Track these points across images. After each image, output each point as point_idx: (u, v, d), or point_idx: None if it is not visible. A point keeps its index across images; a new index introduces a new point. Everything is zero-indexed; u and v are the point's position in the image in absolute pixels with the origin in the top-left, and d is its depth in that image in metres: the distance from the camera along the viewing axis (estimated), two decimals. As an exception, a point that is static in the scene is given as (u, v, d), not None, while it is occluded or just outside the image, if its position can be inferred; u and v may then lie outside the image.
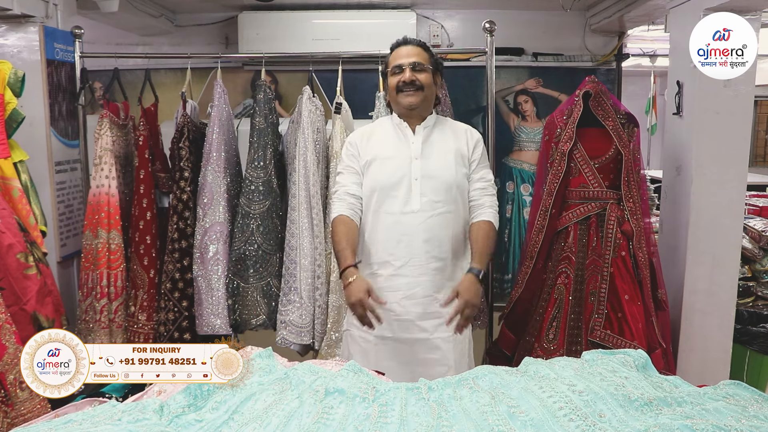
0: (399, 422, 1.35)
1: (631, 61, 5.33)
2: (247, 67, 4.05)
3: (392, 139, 2.17)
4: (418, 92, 2.12)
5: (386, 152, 2.14)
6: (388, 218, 2.08)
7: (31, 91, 2.57)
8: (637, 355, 1.58)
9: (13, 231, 2.20)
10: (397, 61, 2.14)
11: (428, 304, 2.09)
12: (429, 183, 2.09)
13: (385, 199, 2.10)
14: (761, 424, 1.27)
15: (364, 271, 2.13)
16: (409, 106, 2.12)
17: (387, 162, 2.13)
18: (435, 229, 2.09)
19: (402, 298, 2.09)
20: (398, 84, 2.12)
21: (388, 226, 2.10)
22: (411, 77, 2.11)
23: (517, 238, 4.03)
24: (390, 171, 2.11)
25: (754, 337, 2.95)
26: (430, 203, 2.08)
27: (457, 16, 4.14)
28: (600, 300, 2.54)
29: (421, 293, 2.09)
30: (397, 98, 2.14)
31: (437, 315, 2.08)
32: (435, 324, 2.09)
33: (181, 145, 2.74)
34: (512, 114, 4.15)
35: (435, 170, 2.11)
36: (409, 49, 2.16)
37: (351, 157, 2.20)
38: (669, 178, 2.90)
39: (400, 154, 2.13)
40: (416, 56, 2.14)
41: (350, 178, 2.17)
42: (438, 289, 2.10)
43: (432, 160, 2.12)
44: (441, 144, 2.15)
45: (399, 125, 2.18)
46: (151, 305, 2.80)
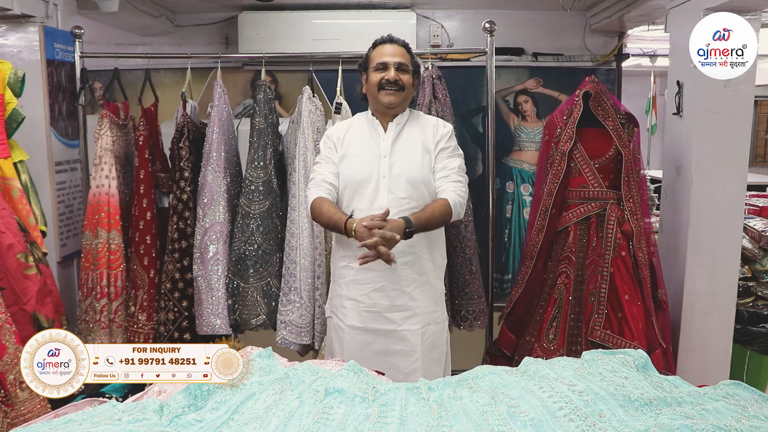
0: (399, 422, 1.35)
1: (631, 61, 5.33)
2: (247, 67, 4.04)
3: (365, 136, 2.22)
4: (399, 92, 2.16)
5: (357, 149, 2.20)
6: (358, 213, 2.10)
7: (31, 91, 2.57)
8: (637, 355, 1.58)
9: (13, 231, 2.20)
10: (383, 58, 2.18)
11: (396, 297, 2.14)
12: (396, 181, 2.14)
13: (355, 196, 2.16)
14: (761, 424, 1.27)
15: (340, 262, 2.21)
16: (389, 104, 2.17)
17: (357, 159, 2.18)
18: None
19: (371, 290, 2.15)
20: (381, 81, 2.15)
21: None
22: (395, 77, 2.15)
23: (517, 238, 4.03)
24: (359, 168, 2.16)
25: (754, 337, 2.95)
26: (396, 200, 2.12)
27: (457, 16, 4.14)
28: (600, 300, 2.54)
29: (389, 287, 2.14)
30: (378, 95, 2.17)
31: (405, 308, 2.15)
32: (403, 316, 2.15)
33: (181, 145, 2.74)
34: (512, 114, 4.15)
35: (402, 168, 2.15)
36: (394, 48, 2.20)
37: (328, 149, 2.25)
38: (669, 178, 2.90)
39: (370, 151, 2.18)
40: (401, 56, 2.18)
41: (327, 168, 2.22)
42: (408, 283, 2.15)
43: (400, 157, 2.17)
44: (410, 141, 2.20)
45: (372, 122, 2.23)
46: (151, 305, 2.80)
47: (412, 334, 2.15)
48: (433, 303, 2.21)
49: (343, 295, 2.21)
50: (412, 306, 2.16)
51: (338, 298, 2.24)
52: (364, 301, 2.17)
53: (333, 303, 2.29)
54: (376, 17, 3.89)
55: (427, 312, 2.19)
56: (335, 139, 2.25)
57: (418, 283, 2.16)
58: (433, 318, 2.21)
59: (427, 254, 2.19)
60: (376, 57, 2.20)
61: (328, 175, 2.20)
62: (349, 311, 2.19)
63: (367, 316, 2.17)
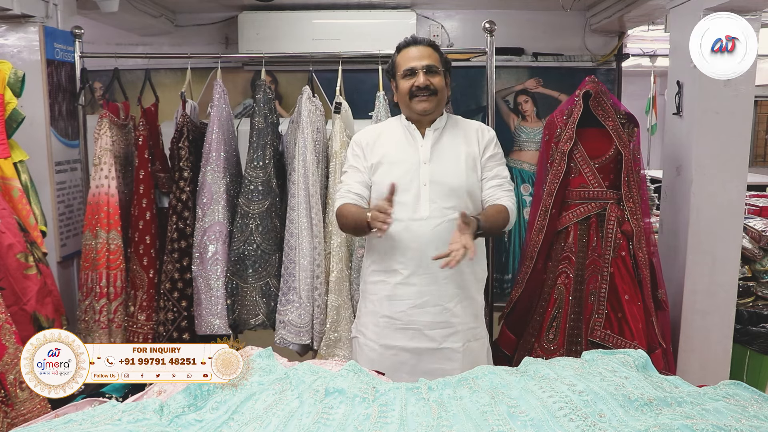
0: (399, 422, 1.35)
1: (631, 61, 5.33)
2: (247, 67, 4.05)
3: (400, 142, 2.08)
4: (432, 97, 2.01)
5: (394, 156, 2.05)
6: (396, 225, 1.95)
7: (31, 91, 2.57)
8: (637, 355, 1.58)
9: (13, 231, 2.20)
10: (410, 63, 2.02)
11: (437, 314, 2.01)
12: (438, 188, 2.00)
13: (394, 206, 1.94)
14: (761, 424, 1.27)
15: (372, 278, 2.09)
16: (424, 111, 2.03)
17: (394, 166, 2.04)
18: (445, 236, 1.94)
19: (409, 307, 2.02)
20: (412, 89, 2.01)
21: (397, 233, 1.99)
22: (425, 82, 2.00)
23: (517, 238, 4.03)
24: (398, 176, 2.00)
25: (754, 337, 2.95)
26: (439, 209, 1.99)
27: (457, 16, 4.15)
28: (600, 300, 2.54)
29: (431, 302, 2.01)
30: (411, 104, 2.03)
31: (447, 324, 2.02)
32: (444, 334, 2.02)
33: (181, 145, 2.74)
34: (512, 114, 4.15)
35: (444, 175, 2.02)
36: (420, 50, 2.04)
37: (356, 157, 2.11)
38: (669, 178, 2.90)
39: (408, 158, 2.04)
40: (428, 58, 2.03)
41: (354, 177, 2.09)
42: (449, 299, 2.02)
43: (441, 164, 2.03)
44: (451, 147, 2.06)
45: (408, 127, 2.08)
46: (150, 305, 2.80)
47: (453, 352, 2.02)
48: (473, 318, 2.09)
49: (377, 312, 2.07)
50: (453, 322, 2.02)
51: (369, 316, 2.10)
52: (402, 318, 2.02)
53: (361, 321, 2.14)
54: (376, 17, 3.89)
55: (468, 328, 2.06)
56: (364, 145, 2.10)
57: (459, 298, 2.03)
58: (473, 334, 2.08)
59: (468, 267, 2.02)
60: (402, 63, 2.05)
61: (355, 185, 2.07)
62: (383, 329, 2.05)
63: (404, 334, 2.03)
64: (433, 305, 2.01)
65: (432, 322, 2.02)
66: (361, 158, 2.10)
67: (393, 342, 2.04)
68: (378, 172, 2.06)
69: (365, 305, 2.14)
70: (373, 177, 2.07)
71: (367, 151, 2.09)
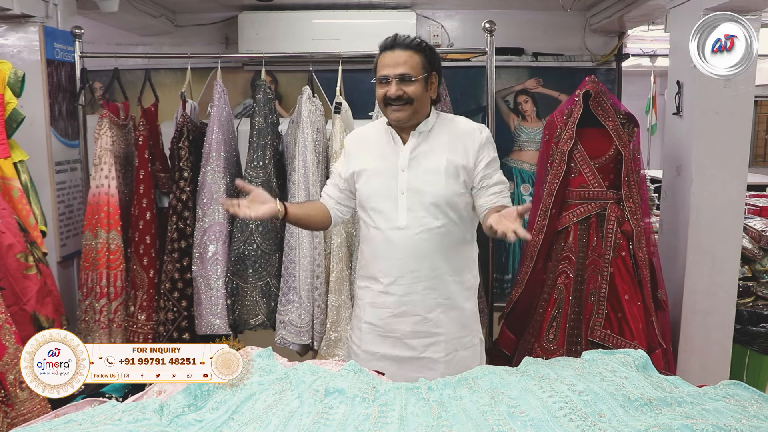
0: (399, 422, 1.35)
1: (631, 61, 5.33)
2: (247, 67, 4.04)
3: (382, 148, 2.00)
4: (406, 106, 1.90)
5: (373, 164, 1.99)
6: (377, 234, 1.96)
7: (31, 91, 2.57)
8: (637, 355, 1.58)
9: (13, 231, 2.20)
10: (383, 71, 1.91)
11: (417, 323, 1.96)
12: (416, 197, 1.92)
13: (373, 215, 1.97)
14: (761, 424, 1.27)
15: (360, 282, 2.08)
16: (397, 121, 1.93)
17: (374, 175, 1.98)
18: (424, 246, 1.92)
19: (389, 315, 1.98)
20: (384, 97, 1.91)
21: (378, 242, 1.97)
22: (397, 92, 1.88)
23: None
24: (376, 184, 1.96)
25: (754, 337, 2.95)
26: (416, 219, 1.92)
27: (457, 16, 4.14)
28: (600, 300, 2.54)
29: (410, 312, 1.96)
30: (385, 111, 1.95)
31: (428, 334, 1.96)
32: (426, 343, 1.96)
33: (181, 145, 2.74)
34: (512, 114, 4.15)
35: (422, 184, 1.92)
36: (396, 56, 1.89)
37: (341, 161, 2.11)
38: (669, 178, 2.90)
39: (388, 166, 1.97)
40: (403, 65, 1.88)
41: (332, 180, 2.11)
42: (430, 310, 1.95)
43: (420, 171, 1.94)
44: (432, 154, 1.95)
45: (389, 131, 2.00)
46: (150, 305, 2.80)
47: (434, 362, 1.96)
48: (460, 328, 2.00)
49: (360, 317, 2.05)
50: (435, 332, 1.96)
51: (356, 320, 2.09)
52: (382, 326, 1.99)
53: (352, 324, 2.13)
54: (376, 17, 3.89)
55: (454, 338, 1.98)
56: (347, 152, 2.08)
57: (443, 308, 1.96)
58: (461, 344, 2.00)
59: (452, 276, 1.97)
60: (378, 68, 1.94)
61: (330, 188, 2.10)
62: (365, 335, 2.02)
63: (384, 341, 1.99)
64: (412, 315, 1.96)
65: (412, 331, 1.97)
66: (344, 164, 2.08)
67: (375, 348, 2.01)
68: (360, 180, 2.01)
69: (354, 309, 2.14)
70: (356, 185, 2.03)
71: (350, 159, 2.06)
